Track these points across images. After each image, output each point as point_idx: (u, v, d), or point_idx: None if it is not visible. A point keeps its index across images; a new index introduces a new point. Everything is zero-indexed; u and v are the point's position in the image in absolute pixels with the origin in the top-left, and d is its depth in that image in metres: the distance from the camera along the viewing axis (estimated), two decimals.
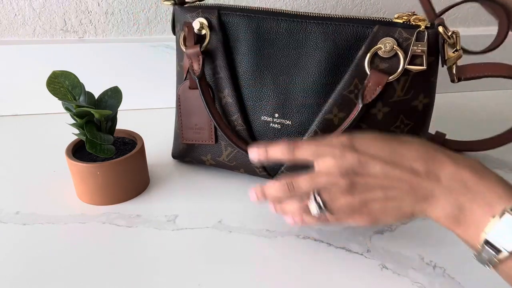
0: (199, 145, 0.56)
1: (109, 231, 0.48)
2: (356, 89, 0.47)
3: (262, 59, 0.50)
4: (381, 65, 0.45)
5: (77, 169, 0.50)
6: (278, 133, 0.51)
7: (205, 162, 0.57)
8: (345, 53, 0.47)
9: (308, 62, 0.49)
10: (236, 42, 0.51)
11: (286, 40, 0.49)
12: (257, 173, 0.55)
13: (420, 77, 0.46)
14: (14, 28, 0.71)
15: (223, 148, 0.54)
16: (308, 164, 0.39)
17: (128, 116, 0.63)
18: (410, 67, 0.45)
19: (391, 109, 0.47)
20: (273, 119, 0.51)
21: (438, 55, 0.45)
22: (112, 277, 0.42)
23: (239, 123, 0.52)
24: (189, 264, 0.43)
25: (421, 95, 0.47)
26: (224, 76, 0.51)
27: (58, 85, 0.49)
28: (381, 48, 0.45)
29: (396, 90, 0.46)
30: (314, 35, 0.48)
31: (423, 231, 0.48)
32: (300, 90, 0.49)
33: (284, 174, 0.53)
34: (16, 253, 0.45)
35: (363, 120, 0.47)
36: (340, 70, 0.48)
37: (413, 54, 0.44)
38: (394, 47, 0.44)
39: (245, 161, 0.54)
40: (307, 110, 0.50)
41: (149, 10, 0.73)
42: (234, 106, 0.52)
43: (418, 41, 0.44)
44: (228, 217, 0.50)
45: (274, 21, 0.49)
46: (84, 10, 0.72)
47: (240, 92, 0.52)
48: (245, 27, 0.50)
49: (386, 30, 0.45)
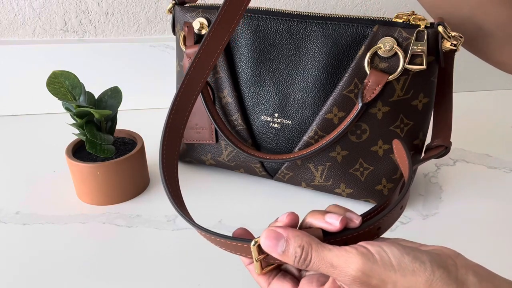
0: (199, 145, 0.56)
1: (109, 231, 0.48)
2: (356, 89, 0.47)
3: (262, 59, 0.50)
4: (381, 64, 0.45)
5: (77, 169, 0.50)
6: (278, 132, 0.51)
7: (205, 162, 0.57)
8: (345, 53, 0.47)
9: (308, 62, 0.49)
10: (236, 42, 0.51)
11: (286, 40, 0.49)
12: (257, 173, 0.55)
13: (420, 77, 0.46)
14: (14, 28, 0.71)
15: (223, 148, 0.54)
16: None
17: (128, 116, 0.63)
18: (410, 66, 0.45)
19: (391, 108, 0.47)
20: (273, 118, 0.51)
21: (438, 54, 0.45)
22: (112, 277, 0.42)
23: (239, 122, 0.52)
24: (189, 264, 0.43)
25: (420, 94, 0.47)
26: (224, 76, 0.51)
27: (58, 85, 0.49)
28: (381, 48, 0.45)
29: (396, 90, 0.46)
30: (314, 35, 0.48)
31: (423, 231, 0.48)
32: (300, 90, 0.49)
33: (284, 174, 0.53)
34: (16, 253, 0.45)
35: (363, 119, 0.47)
36: (340, 69, 0.48)
37: (413, 53, 0.44)
38: (394, 46, 0.44)
39: (245, 161, 0.54)
40: (307, 109, 0.50)
41: (149, 10, 0.73)
42: (234, 105, 0.52)
43: (418, 41, 0.44)
44: (228, 217, 0.50)
45: (274, 21, 0.49)
46: (84, 10, 0.72)
47: (240, 92, 0.52)
48: (245, 27, 0.50)
49: (386, 30, 0.45)
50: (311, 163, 0.51)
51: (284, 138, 0.51)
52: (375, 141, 0.48)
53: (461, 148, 0.65)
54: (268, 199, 0.53)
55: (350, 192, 0.52)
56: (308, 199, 0.53)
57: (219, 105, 0.53)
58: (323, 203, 0.53)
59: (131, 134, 0.55)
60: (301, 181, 0.53)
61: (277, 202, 0.53)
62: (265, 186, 0.56)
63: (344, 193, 0.52)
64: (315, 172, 0.51)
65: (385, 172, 0.50)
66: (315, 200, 0.53)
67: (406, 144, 0.38)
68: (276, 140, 0.52)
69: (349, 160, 0.50)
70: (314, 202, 0.53)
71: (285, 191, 0.55)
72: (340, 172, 0.50)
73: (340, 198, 0.53)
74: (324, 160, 0.50)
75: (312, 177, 0.52)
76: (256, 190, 0.55)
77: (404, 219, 0.50)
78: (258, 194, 0.54)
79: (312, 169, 0.51)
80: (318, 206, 0.53)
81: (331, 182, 0.51)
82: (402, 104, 0.47)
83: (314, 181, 0.52)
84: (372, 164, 0.50)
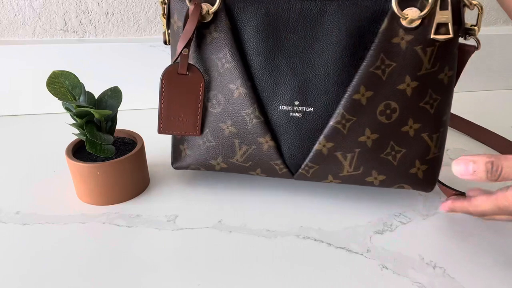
0: (207, 148, 0.52)
1: (109, 231, 0.48)
2: (382, 65, 0.45)
3: (275, 43, 0.47)
4: (406, 37, 0.44)
5: (77, 169, 0.50)
6: (300, 122, 0.48)
7: (214, 167, 0.52)
8: (366, 29, 0.44)
9: (326, 42, 0.45)
10: (244, 28, 0.47)
11: (300, 21, 0.46)
12: (277, 172, 0.51)
13: (444, 48, 0.44)
14: (14, 28, 0.71)
15: (236, 147, 0.50)
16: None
17: (128, 116, 0.63)
18: (437, 36, 0.43)
19: (420, 83, 0.45)
20: (293, 107, 0.47)
21: (460, 23, 0.44)
22: (112, 277, 0.42)
23: (256, 115, 0.48)
24: (189, 264, 0.43)
25: (446, 67, 0.46)
26: (236, 65, 0.47)
27: (58, 85, 0.49)
28: (407, 18, 0.43)
29: (423, 62, 0.44)
30: (330, 13, 0.45)
31: (423, 231, 0.48)
32: (320, 73, 0.46)
33: (308, 169, 0.49)
34: (16, 253, 0.45)
35: (392, 97, 0.45)
36: (362, 46, 0.45)
37: (438, 22, 0.43)
38: (420, 15, 0.42)
39: (264, 158, 0.50)
40: (330, 93, 0.46)
41: (149, 10, 0.73)
42: (249, 97, 0.47)
43: (442, 9, 0.43)
44: (228, 217, 0.50)
45: (285, 2, 0.46)
46: (84, 10, 0.72)
47: (254, 81, 0.48)
48: (253, 10, 0.46)
49: (407, 1, 0.43)
50: (339, 152, 0.47)
51: (306, 128, 0.48)
52: (405, 120, 0.46)
53: (461, 148, 0.65)
54: (268, 199, 0.53)
55: (383, 179, 0.49)
56: (309, 195, 0.53)
57: (229, 100, 0.49)
58: (325, 203, 0.53)
59: (131, 134, 0.55)
60: (328, 174, 0.49)
61: (277, 202, 0.53)
62: (265, 185, 0.56)
63: (377, 180, 0.49)
64: (343, 161, 0.48)
65: (418, 153, 0.48)
66: (322, 195, 0.53)
67: (435, 121, 0.43)
68: (297, 131, 0.48)
69: (380, 143, 0.47)
70: (319, 198, 0.53)
71: (284, 189, 0.55)
72: (371, 158, 0.47)
73: (365, 191, 0.52)
74: (353, 146, 0.47)
75: (340, 167, 0.48)
76: (257, 189, 0.55)
77: (404, 219, 0.50)
78: (258, 194, 0.54)
79: (340, 158, 0.48)
80: (319, 204, 0.53)
81: (362, 170, 0.48)
82: (430, 77, 0.45)
83: (342, 171, 0.49)
84: (404, 146, 0.47)
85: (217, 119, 0.50)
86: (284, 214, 0.51)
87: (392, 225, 0.49)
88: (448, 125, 0.49)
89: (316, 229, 0.48)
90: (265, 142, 0.48)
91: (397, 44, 0.44)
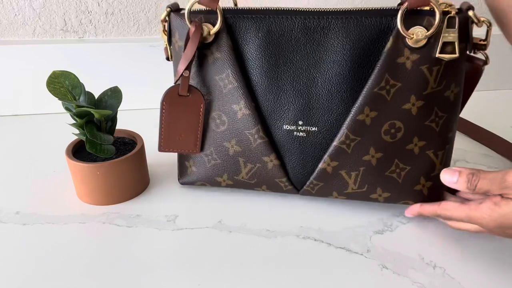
0: (212, 166, 0.51)
1: (109, 231, 0.48)
2: (387, 85, 0.44)
3: (277, 63, 0.46)
4: (412, 56, 0.43)
5: (77, 169, 0.50)
6: (304, 141, 0.48)
7: (220, 183, 0.52)
8: (370, 48, 0.44)
9: (330, 61, 0.45)
10: (246, 48, 0.46)
11: (303, 40, 0.45)
12: (282, 189, 0.51)
13: (451, 66, 0.44)
14: (14, 28, 0.71)
15: (241, 165, 0.51)
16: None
17: (128, 116, 0.63)
18: (443, 55, 0.42)
19: (425, 102, 0.45)
20: (297, 127, 0.47)
21: (467, 40, 0.43)
22: (112, 277, 0.42)
23: (260, 135, 0.47)
24: (189, 264, 0.43)
25: (452, 84, 0.45)
26: (239, 86, 0.46)
27: (58, 85, 0.49)
28: (413, 37, 0.42)
29: (429, 82, 0.44)
30: (334, 31, 0.44)
31: (423, 231, 0.48)
32: (324, 93, 0.46)
33: (313, 186, 0.49)
34: (16, 253, 0.45)
35: (397, 117, 0.45)
36: (367, 66, 0.44)
37: (444, 41, 0.42)
38: (425, 35, 0.42)
39: (269, 176, 0.50)
40: (334, 112, 0.46)
41: (149, 10, 0.73)
42: (253, 117, 0.47)
43: (449, 27, 0.42)
44: (228, 217, 0.50)
45: (287, 20, 0.45)
46: (84, 10, 0.72)
47: (257, 101, 0.47)
48: (255, 30, 0.45)
49: (413, 19, 0.43)
50: (344, 170, 0.47)
51: (310, 147, 0.48)
52: (410, 138, 0.46)
53: (461, 148, 0.65)
54: (268, 199, 0.53)
55: (388, 196, 0.49)
56: (309, 195, 0.53)
57: (233, 120, 0.48)
58: (326, 207, 0.53)
59: (131, 134, 0.55)
60: (333, 190, 0.49)
61: (277, 202, 0.53)
62: None
63: (381, 197, 0.49)
64: (348, 179, 0.48)
65: (423, 170, 0.47)
66: (318, 203, 0.53)
67: (441, 138, 0.45)
68: (301, 150, 0.48)
69: (384, 162, 0.47)
70: (319, 198, 0.53)
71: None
72: (376, 175, 0.47)
73: (369, 206, 0.52)
74: (358, 164, 0.47)
75: (345, 185, 0.48)
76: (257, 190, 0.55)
77: (404, 219, 0.50)
78: (258, 194, 0.54)
79: (345, 176, 0.48)
80: (319, 204, 0.53)
81: (367, 187, 0.48)
82: (436, 96, 0.45)
83: (347, 188, 0.49)
84: (409, 163, 0.47)
85: (222, 138, 0.50)
86: (284, 214, 0.51)
87: (392, 225, 0.49)
88: (454, 140, 0.49)
89: (316, 229, 0.48)
90: (270, 161, 0.49)
91: (402, 64, 0.43)
